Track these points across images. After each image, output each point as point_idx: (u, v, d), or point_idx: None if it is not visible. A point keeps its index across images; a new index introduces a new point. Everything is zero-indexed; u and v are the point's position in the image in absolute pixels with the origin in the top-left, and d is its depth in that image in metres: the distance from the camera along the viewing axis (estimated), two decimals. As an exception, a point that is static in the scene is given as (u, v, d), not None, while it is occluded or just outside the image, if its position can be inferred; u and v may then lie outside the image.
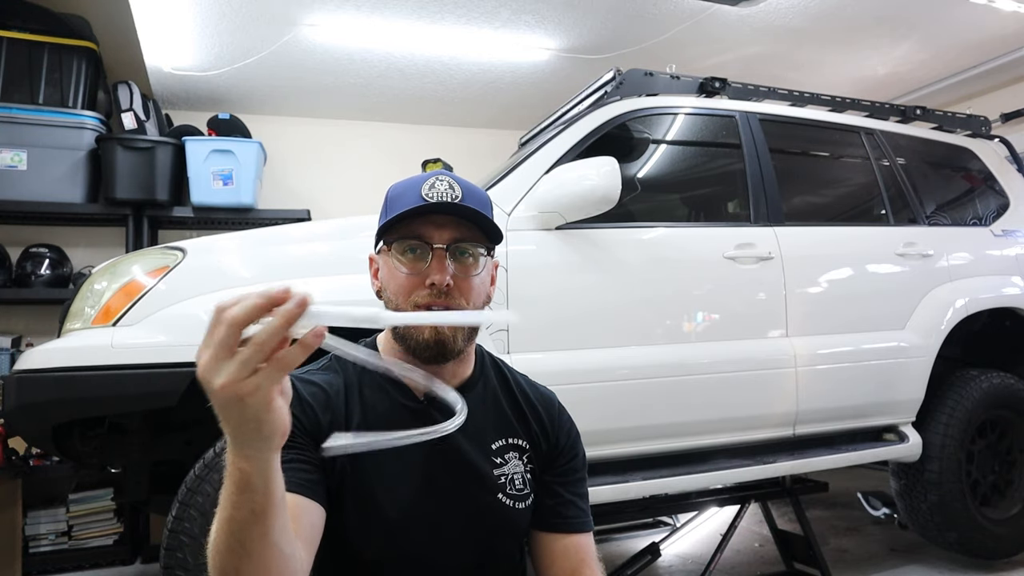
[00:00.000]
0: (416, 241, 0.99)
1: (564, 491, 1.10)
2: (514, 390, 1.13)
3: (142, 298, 1.77)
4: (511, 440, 1.08)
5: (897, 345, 2.59)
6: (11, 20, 3.17)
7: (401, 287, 0.99)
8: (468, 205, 0.98)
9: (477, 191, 1.03)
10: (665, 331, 2.25)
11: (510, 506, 1.05)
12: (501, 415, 1.10)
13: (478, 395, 1.08)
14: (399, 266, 1.00)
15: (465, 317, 0.99)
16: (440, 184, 0.99)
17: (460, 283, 0.98)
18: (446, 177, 1.00)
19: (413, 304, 0.98)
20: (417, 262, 0.99)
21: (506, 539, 1.09)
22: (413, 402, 1.04)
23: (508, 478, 1.06)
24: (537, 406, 1.13)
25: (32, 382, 1.72)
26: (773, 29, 3.56)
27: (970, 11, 3.45)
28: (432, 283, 0.96)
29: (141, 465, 2.11)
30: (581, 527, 1.10)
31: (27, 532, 3.08)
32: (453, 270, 0.98)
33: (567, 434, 1.14)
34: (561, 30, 3.46)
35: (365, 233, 2.05)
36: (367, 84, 3.99)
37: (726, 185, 2.78)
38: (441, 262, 0.97)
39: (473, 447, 1.05)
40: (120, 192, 3.39)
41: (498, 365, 1.16)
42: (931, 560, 2.87)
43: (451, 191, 0.99)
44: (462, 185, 1.01)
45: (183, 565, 1.63)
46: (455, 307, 0.98)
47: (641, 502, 2.40)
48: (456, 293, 0.98)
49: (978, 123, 3.31)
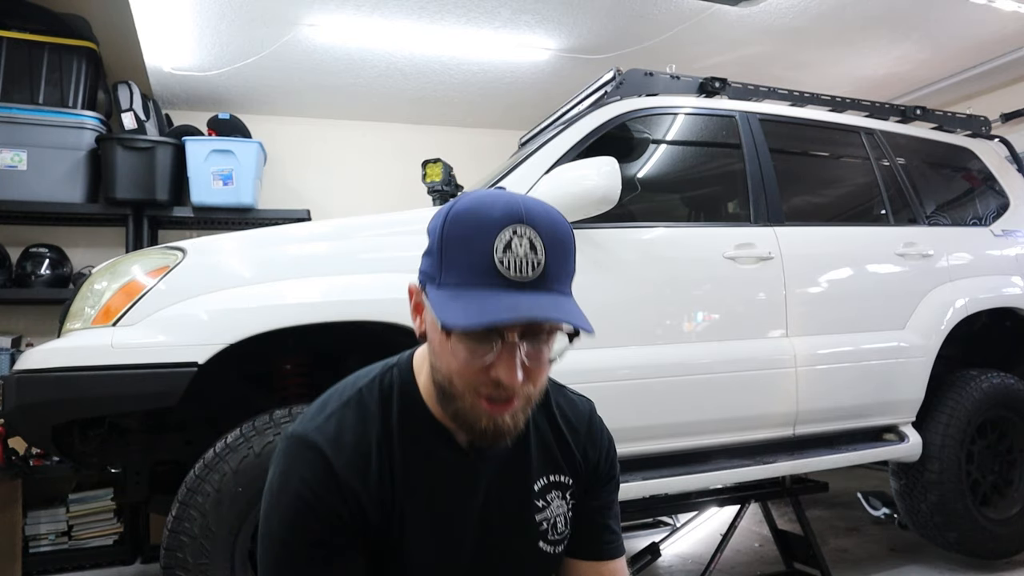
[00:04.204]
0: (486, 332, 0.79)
1: (600, 516, 1.06)
2: (556, 416, 1.03)
3: (142, 298, 1.77)
4: (553, 477, 1.01)
5: (897, 345, 2.58)
6: (11, 20, 3.17)
7: (460, 369, 0.82)
8: (553, 300, 0.78)
9: (561, 238, 0.80)
10: (665, 331, 2.25)
11: (550, 552, 1.00)
12: (545, 451, 1.01)
13: (520, 436, 0.93)
14: (458, 349, 0.81)
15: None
16: (519, 245, 0.77)
17: (531, 372, 0.82)
18: (527, 230, 0.78)
19: (473, 390, 0.82)
20: (481, 345, 0.80)
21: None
22: (458, 456, 0.93)
23: (551, 523, 0.99)
24: (579, 429, 1.05)
25: (32, 382, 1.72)
26: (773, 29, 3.56)
27: (970, 11, 3.45)
28: (498, 381, 0.80)
29: (141, 465, 2.11)
30: (617, 552, 1.06)
31: (27, 532, 3.08)
32: (526, 361, 0.80)
33: (606, 455, 1.07)
34: (561, 30, 3.46)
35: (365, 233, 2.06)
36: (367, 84, 3.99)
37: (726, 185, 2.77)
38: (512, 357, 0.79)
39: (515, 495, 0.97)
40: (120, 192, 3.39)
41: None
42: (931, 560, 2.87)
43: (532, 255, 0.77)
44: (544, 235, 0.78)
45: (183, 565, 1.63)
46: (521, 397, 0.83)
47: (641, 502, 2.40)
48: (526, 382, 0.82)
49: (978, 123, 3.31)
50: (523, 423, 0.87)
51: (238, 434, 1.74)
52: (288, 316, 1.79)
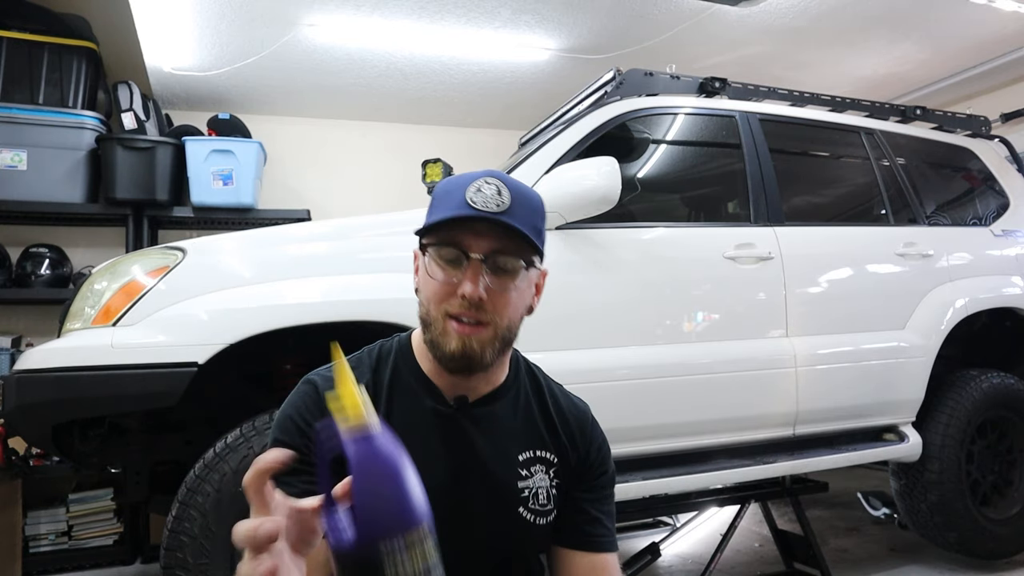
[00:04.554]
0: (453, 249, 0.94)
1: (591, 508, 1.07)
2: (547, 400, 1.10)
3: (142, 298, 1.77)
4: (539, 453, 1.05)
5: (897, 345, 2.58)
6: (11, 20, 3.17)
7: (434, 293, 0.96)
8: (511, 223, 0.92)
9: (528, 197, 0.97)
10: (665, 331, 2.25)
11: (531, 521, 1.02)
12: (531, 426, 1.06)
13: (509, 403, 1.05)
14: (434, 272, 0.96)
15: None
16: (487, 188, 0.93)
17: (494, 297, 0.94)
18: (496, 181, 0.94)
19: (444, 312, 0.95)
20: (452, 270, 0.94)
21: (524, 554, 1.07)
22: (443, 406, 1.02)
23: (532, 492, 1.03)
24: (569, 418, 1.10)
25: (32, 382, 1.72)
26: (773, 29, 3.56)
27: (970, 11, 3.45)
28: (464, 295, 0.92)
29: (141, 465, 2.11)
30: (608, 546, 1.07)
31: (27, 532, 3.07)
32: (488, 283, 0.93)
33: (598, 449, 1.10)
34: (561, 30, 3.46)
35: (365, 233, 2.06)
36: (367, 84, 3.99)
37: (726, 185, 2.77)
38: (476, 274, 0.93)
39: (499, 458, 1.02)
40: (120, 192, 3.39)
41: (533, 372, 1.13)
42: (931, 560, 2.87)
43: (498, 197, 0.93)
44: (512, 189, 0.95)
45: (183, 565, 1.63)
46: (487, 321, 0.94)
47: (641, 502, 2.40)
48: (490, 307, 0.94)
49: (978, 123, 3.31)
50: (492, 357, 0.97)
51: (238, 434, 1.74)
52: (288, 316, 1.79)
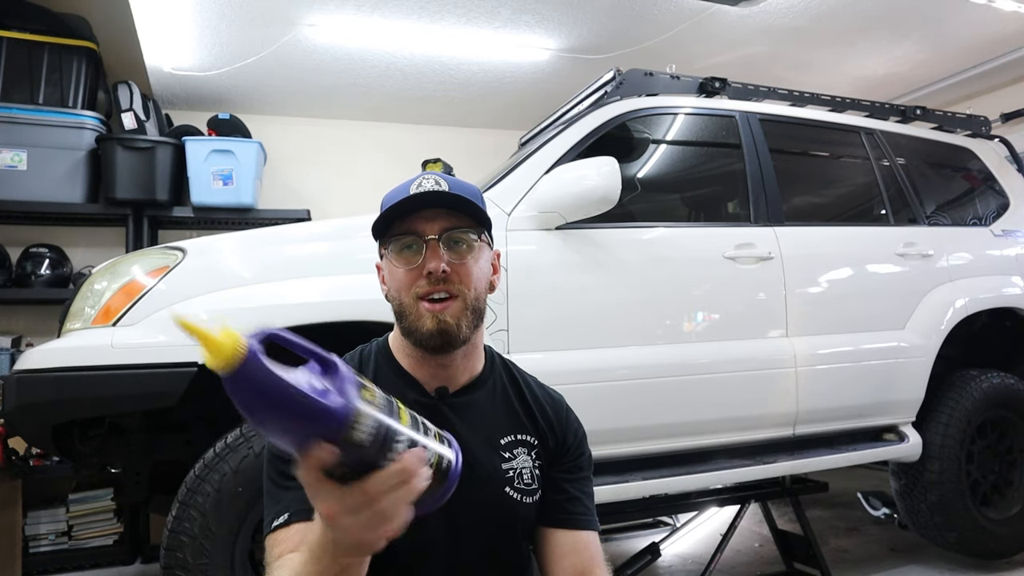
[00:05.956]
0: (409, 237, 1.02)
1: (571, 487, 1.12)
2: (523, 389, 1.16)
3: (142, 298, 1.77)
4: (519, 436, 1.10)
5: (897, 345, 2.58)
6: (11, 20, 3.17)
7: (402, 283, 1.02)
8: (456, 193, 1.01)
9: (466, 186, 1.06)
10: (665, 331, 2.25)
11: (518, 500, 1.06)
12: (510, 412, 1.12)
13: (488, 392, 1.11)
14: (397, 263, 1.03)
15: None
16: (426, 181, 1.03)
17: (457, 268, 1.01)
18: (432, 175, 1.04)
19: (414, 296, 1.01)
20: (413, 256, 1.02)
21: (513, 533, 1.09)
22: (425, 398, 1.06)
23: (516, 472, 1.08)
24: (545, 405, 1.15)
25: (32, 382, 1.72)
26: (773, 29, 3.56)
27: (970, 11, 3.45)
28: (429, 272, 0.99)
29: (141, 465, 2.11)
30: (588, 525, 1.11)
31: (27, 532, 3.08)
32: (448, 258, 1.01)
33: (574, 433, 1.16)
34: (561, 30, 3.46)
35: (365, 233, 2.04)
36: (367, 84, 3.99)
37: (726, 185, 2.77)
38: (435, 251, 1.00)
39: (482, 443, 1.06)
40: (120, 192, 3.39)
41: (507, 366, 1.18)
42: (931, 560, 2.87)
43: (438, 185, 1.02)
44: (449, 180, 1.04)
45: (183, 565, 1.63)
46: (455, 293, 1.01)
47: (641, 502, 2.39)
48: (455, 279, 1.01)
49: (978, 123, 3.31)
50: (467, 330, 1.02)
51: (238, 434, 1.74)
52: (288, 316, 1.79)
